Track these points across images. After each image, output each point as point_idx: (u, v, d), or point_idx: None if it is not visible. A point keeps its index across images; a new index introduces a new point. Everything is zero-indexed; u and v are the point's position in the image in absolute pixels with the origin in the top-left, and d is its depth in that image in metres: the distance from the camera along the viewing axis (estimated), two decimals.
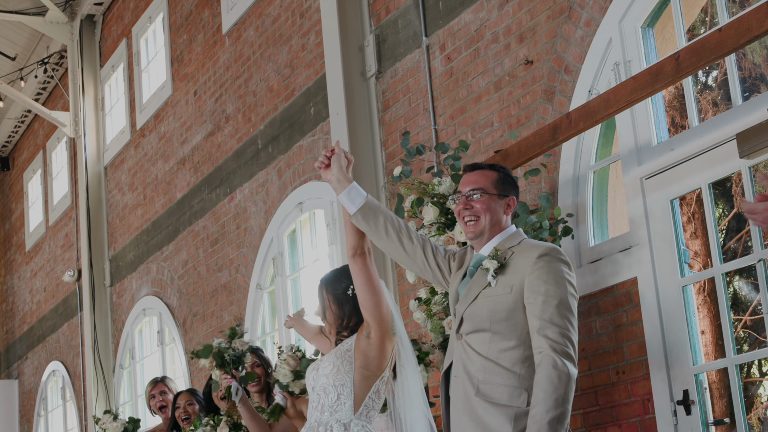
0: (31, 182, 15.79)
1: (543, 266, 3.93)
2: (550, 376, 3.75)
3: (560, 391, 3.73)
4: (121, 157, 12.30)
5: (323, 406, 4.57)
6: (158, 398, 7.87)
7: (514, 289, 3.95)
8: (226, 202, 9.63)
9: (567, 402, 3.73)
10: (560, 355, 3.77)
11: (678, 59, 4.46)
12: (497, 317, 3.95)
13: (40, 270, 15.07)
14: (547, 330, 3.82)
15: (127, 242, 11.97)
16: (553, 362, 3.76)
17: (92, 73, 13.03)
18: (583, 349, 5.60)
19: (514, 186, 4.23)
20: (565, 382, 3.73)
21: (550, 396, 3.72)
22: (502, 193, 4.18)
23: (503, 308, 3.95)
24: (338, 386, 4.55)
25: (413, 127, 7.03)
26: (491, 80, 6.36)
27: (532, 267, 3.94)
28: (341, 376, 4.53)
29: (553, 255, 3.96)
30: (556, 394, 3.72)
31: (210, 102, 10.02)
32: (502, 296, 3.97)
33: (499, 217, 4.16)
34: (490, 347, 3.93)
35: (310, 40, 8.33)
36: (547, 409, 3.71)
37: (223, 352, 5.95)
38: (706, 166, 4.97)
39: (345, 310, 4.67)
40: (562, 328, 3.81)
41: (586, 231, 5.67)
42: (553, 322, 3.82)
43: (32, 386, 15.34)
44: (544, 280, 3.90)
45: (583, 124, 5.02)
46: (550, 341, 3.79)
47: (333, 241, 7.87)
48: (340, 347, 4.60)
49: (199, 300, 10.09)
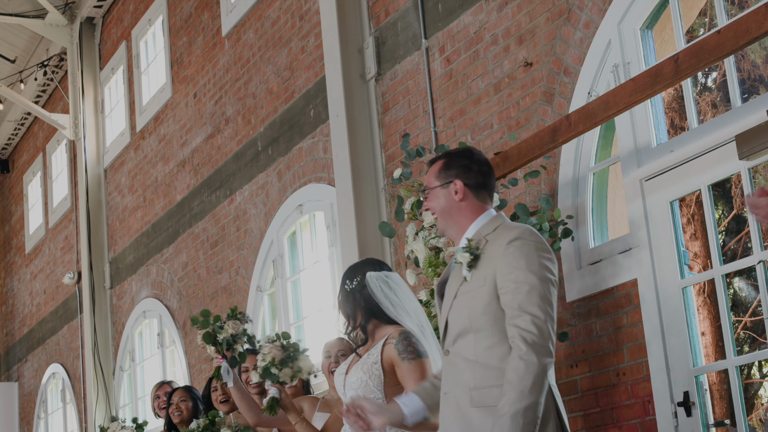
0: (30, 185, 15.79)
1: (513, 251, 3.67)
2: (516, 367, 3.52)
3: (526, 382, 3.49)
4: (121, 159, 12.31)
5: None
6: (162, 399, 7.87)
7: (488, 281, 3.71)
8: (226, 205, 9.63)
9: (534, 393, 3.50)
10: (528, 344, 3.53)
11: (677, 61, 4.46)
12: (476, 313, 3.72)
13: (40, 272, 15.08)
14: (517, 319, 3.59)
15: (127, 244, 11.98)
16: (520, 352, 3.53)
17: (92, 75, 13.03)
18: (583, 350, 5.60)
19: (460, 167, 3.91)
20: (532, 372, 3.50)
21: (514, 388, 3.50)
22: (445, 181, 3.91)
23: (480, 303, 3.71)
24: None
25: (413, 129, 7.04)
26: (491, 82, 6.36)
27: (503, 254, 3.69)
28: (370, 389, 4.46)
29: (524, 238, 3.70)
30: (521, 385, 3.49)
31: (210, 104, 10.02)
32: (477, 290, 3.73)
33: (450, 207, 3.90)
34: (476, 348, 3.71)
35: (310, 43, 8.34)
36: (510, 402, 3.49)
37: (216, 330, 5.88)
38: (706, 167, 4.97)
39: (348, 306, 4.61)
40: (533, 315, 3.57)
41: (586, 233, 5.68)
42: (524, 310, 3.58)
43: (32, 389, 15.33)
44: (515, 266, 3.65)
45: (582, 125, 5.02)
46: (520, 330, 3.56)
47: (333, 243, 7.87)
48: (367, 359, 4.50)
49: (199, 302, 10.09)
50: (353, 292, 4.60)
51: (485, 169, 3.93)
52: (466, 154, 3.97)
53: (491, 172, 3.97)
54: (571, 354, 5.68)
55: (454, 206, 3.90)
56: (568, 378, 5.69)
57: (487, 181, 3.93)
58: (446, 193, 3.91)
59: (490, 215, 3.88)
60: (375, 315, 4.57)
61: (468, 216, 3.89)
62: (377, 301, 4.56)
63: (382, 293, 4.57)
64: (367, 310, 4.57)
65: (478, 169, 3.91)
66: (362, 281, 4.60)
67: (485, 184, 3.92)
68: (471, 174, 3.90)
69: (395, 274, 4.71)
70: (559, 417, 3.67)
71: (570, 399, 5.65)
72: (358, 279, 4.61)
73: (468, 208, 3.89)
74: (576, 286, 5.66)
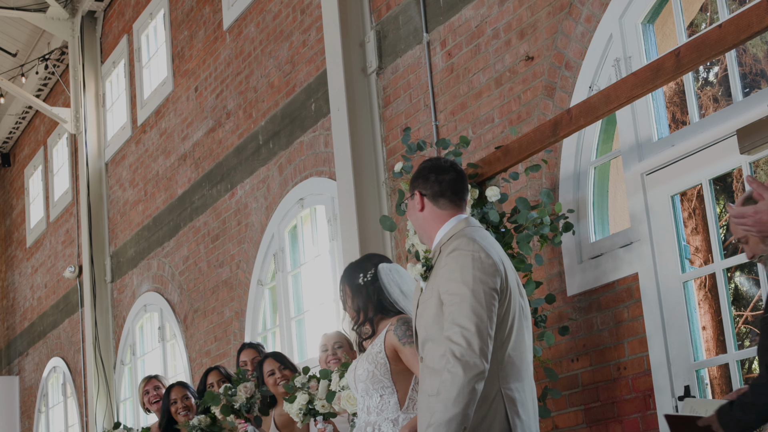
0: (32, 178, 15.80)
1: (450, 263, 3.79)
2: (444, 380, 3.66)
3: (450, 393, 3.62)
4: (122, 153, 12.31)
5: (368, 408, 4.55)
6: (152, 393, 7.84)
7: (434, 292, 3.84)
8: (227, 198, 9.63)
9: (458, 404, 3.61)
10: (455, 357, 3.65)
11: (678, 55, 4.46)
12: (428, 323, 3.85)
13: (41, 266, 15.08)
14: (449, 331, 3.71)
15: (128, 238, 11.98)
16: (448, 365, 3.66)
17: (93, 69, 13.03)
18: (584, 345, 5.60)
19: (420, 178, 4.03)
20: (457, 384, 3.62)
21: (440, 400, 3.64)
22: (411, 193, 4.06)
23: (430, 313, 3.85)
24: (378, 388, 4.51)
25: (414, 123, 7.04)
26: (492, 76, 6.36)
27: (442, 265, 3.82)
28: (378, 378, 4.50)
29: (461, 249, 3.80)
30: (446, 397, 3.63)
31: (211, 98, 10.02)
32: (428, 301, 3.87)
33: (416, 219, 4.04)
34: (433, 356, 3.82)
35: (311, 36, 8.33)
36: (436, 413, 3.64)
37: (230, 401, 5.89)
38: (707, 161, 4.97)
39: (359, 300, 4.63)
40: (463, 327, 3.67)
41: (587, 227, 5.68)
42: (455, 322, 3.70)
43: (33, 382, 15.35)
44: (450, 278, 3.77)
45: (583, 120, 5.02)
46: (450, 343, 3.69)
47: (334, 237, 7.87)
48: (371, 350, 4.55)
49: (200, 296, 10.10)
50: (366, 285, 4.62)
51: (444, 177, 4.00)
52: (428, 164, 4.07)
53: (456, 178, 4.02)
54: (572, 348, 5.68)
55: (419, 217, 4.03)
56: (569, 372, 5.69)
57: (446, 188, 3.99)
58: (412, 205, 4.05)
59: (450, 225, 3.96)
60: (382, 309, 4.61)
61: (432, 225, 4.00)
62: (388, 293, 4.60)
63: (393, 283, 4.61)
64: (378, 303, 4.61)
65: (435, 179, 3.99)
66: (375, 274, 4.62)
67: (443, 192, 3.99)
68: (428, 184, 4.00)
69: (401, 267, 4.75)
70: (509, 424, 3.73)
71: (571, 393, 5.65)
72: (372, 272, 4.63)
73: (430, 217, 4.00)
74: (577, 280, 5.67)
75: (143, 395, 7.90)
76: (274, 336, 8.96)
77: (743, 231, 3.01)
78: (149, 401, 7.85)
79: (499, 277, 3.76)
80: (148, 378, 8.05)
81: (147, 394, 7.87)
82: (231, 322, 9.45)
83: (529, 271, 5.39)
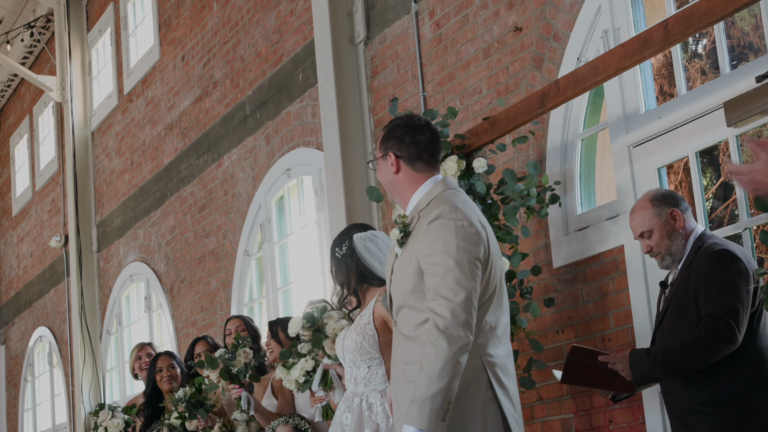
0: (17, 147, 15.72)
1: (432, 232, 3.68)
2: (427, 353, 3.57)
3: (434, 368, 3.53)
4: (109, 122, 12.25)
5: (356, 379, 4.56)
6: (144, 360, 7.86)
7: (412, 260, 3.73)
8: (213, 168, 9.61)
9: (443, 379, 3.52)
10: (439, 330, 3.56)
11: (667, 27, 4.45)
12: (405, 291, 3.76)
13: (27, 235, 15.04)
14: (432, 302, 3.62)
15: (114, 208, 11.94)
16: (431, 338, 3.58)
17: (79, 37, 12.94)
18: (569, 316, 5.62)
19: (394, 138, 3.90)
20: (442, 358, 3.53)
21: (425, 374, 3.55)
22: (383, 153, 3.91)
23: (408, 282, 3.75)
24: (366, 359, 4.52)
25: (402, 94, 7.02)
26: (480, 47, 6.34)
27: (423, 234, 3.71)
28: (366, 350, 4.51)
29: (444, 217, 3.69)
30: (430, 371, 3.54)
31: (198, 67, 9.97)
32: (405, 269, 3.77)
33: (389, 180, 3.92)
34: (409, 323, 3.75)
35: (299, 6, 8.28)
36: (419, 388, 3.55)
37: (228, 365, 5.87)
38: (694, 134, 4.97)
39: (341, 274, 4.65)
40: (446, 299, 3.59)
41: (574, 199, 5.68)
42: (438, 294, 3.61)
43: (19, 352, 15.34)
44: (433, 248, 3.66)
45: (571, 91, 5.01)
46: (433, 314, 3.60)
47: (321, 208, 7.86)
48: (360, 321, 4.56)
49: (186, 266, 10.09)
50: (344, 258, 4.63)
51: (420, 138, 3.89)
52: (402, 123, 3.94)
53: (432, 139, 3.92)
54: (558, 320, 5.70)
55: (392, 179, 3.91)
56: (554, 344, 5.71)
57: (423, 150, 3.88)
58: (384, 165, 3.92)
59: (428, 187, 3.86)
60: (365, 279, 4.62)
61: (407, 188, 3.89)
62: (365, 262, 4.59)
63: (368, 252, 4.60)
64: (359, 274, 4.61)
65: (411, 140, 3.88)
66: (350, 245, 4.62)
67: (420, 155, 3.88)
68: (404, 146, 3.88)
69: (381, 232, 4.74)
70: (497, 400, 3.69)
71: (556, 365, 5.67)
72: (347, 244, 4.63)
73: (405, 180, 3.89)
74: (563, 252, 5.67)
75: (135, 360, 7.91)
76: (260, 306, 8.97)
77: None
78: (140, 367, 7.86)
79: (483, 246, 3.69)
80: (142, 345, 8.07)
81: (139, 359, 7.88)
82: (217, 292, 9.45)
83: (515, 242, 5.40)
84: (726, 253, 4.12)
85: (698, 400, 4.07)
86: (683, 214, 4.33)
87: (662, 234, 4.31)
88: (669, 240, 4.30)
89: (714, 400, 4.03)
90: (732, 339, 3.97)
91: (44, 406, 14.55)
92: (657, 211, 4.33)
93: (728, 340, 3.97)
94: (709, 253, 4.16)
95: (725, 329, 3.96)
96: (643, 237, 4.36)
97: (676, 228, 4.30)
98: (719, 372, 4.04)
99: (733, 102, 4.54)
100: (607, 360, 4.29)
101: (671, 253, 4.30)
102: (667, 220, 4.31)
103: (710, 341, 3.97)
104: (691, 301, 4.13)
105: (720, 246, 4.17)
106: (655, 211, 4.33)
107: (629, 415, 5.28)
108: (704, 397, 4.06)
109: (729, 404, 4.01)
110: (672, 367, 4.08)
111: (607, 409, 5.40)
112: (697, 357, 3.99)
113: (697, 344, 3.99)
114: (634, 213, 4.41)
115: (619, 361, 4.24)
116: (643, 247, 4.38)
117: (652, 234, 4.33)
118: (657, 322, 4.32)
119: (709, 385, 4.05)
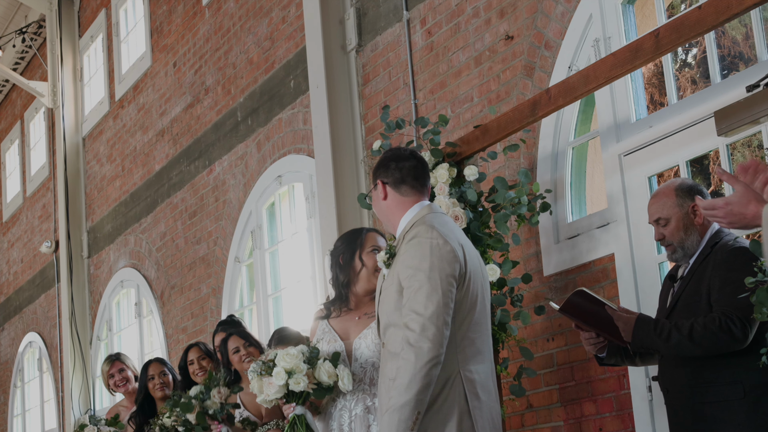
0: (8, 152, 15.69)
1: (409, 250, 3.87)
2: (398, 366, 3.76)
3: (403, 380, 3.72)
4: (100, 128, 12.23)
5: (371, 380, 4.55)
6: (118, 377, 7.58)
7: (395, 280, 3.91)
8: (204, 175, 9.60)
9: (411, 390, 3.71)
10: (409, 344, 3.75)
11: (658, 36, 4.46)
12: (390, 309, 3.93)
13: (17, 241, 15.00)
14: (406, 318, 3.80)
15: (105, 214, 11.93)
16: (402, 351, 3.76)
17: (71, 43, 12.93)
18: (559, 324, 5.62)
19: (381, 167, 4.11)
20: (410, 371, 3.71)
21: (395, 386, 3.74)
22: (374, 183, 4.12)
23: (392, 300, 3.92)
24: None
25: (393, 102, 7.02)
26: (471, 55, 6.35)
27: (402, 254, 3.90)
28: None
29: (420, 236, 3.87)
30: (399, 383, 3.73)
31: (189, 74, 9.97)
32: (390, 288, 3.94)
33: (380, 208, 4.10)
34: (395, 341, 3.88)
35: (291, 13, 8.29)
36: (390, 399, 3.74)
37: (206, 409, 5.84)
38: (685, 143, 4.99)
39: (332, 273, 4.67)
40: (419, 314, 3.76)
41: (564, 207, 5.69)
42: (411, 309, 3.79)
43: (9, 357, 15.29)
44: (408, 266, 3.85)
45: (562, 100, 5.02)
46: (406, 330, 3.78)
47: (312, 215, 7.86)
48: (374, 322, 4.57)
49: (177, 272, 10.07)
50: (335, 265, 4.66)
51: (405, 164, 4.06)
52: (388, 153, 4.13)
53: (416, 165, 4.09)
54: (548, 328, 5.70)
55: (383, 206, 4.08)
56: (545, 351, 5.72)
57: (407, 174, 4.06)
58: (376, 195, 4.11)
59: (413, 212, 4.03)
60: None
61: (395, 213, 4.06)
62: None
63: None
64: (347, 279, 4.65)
65: (396, 166, 4.05)
66: None
67: (404, 179, 4.05)
68: (389, 171, 4.07)
69: None
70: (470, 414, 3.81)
71: (546, 372, 5.68)
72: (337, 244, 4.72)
73: (393, 205, 4.06)
74: (553, 260, 5.68)
75: (108, 378, 7.64)
76: (251, 313, 8.96)
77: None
78: (115, 384, 7.62)
79: (458, 264, 3.84)
80: (111, 360, 7.73)
81: (112, 378, 7.60)
82: (208, 298, 9.44)
83: (506, 250, 5.40)
84: (744, 251, 4.00)
85: (704, 400, 4.00)
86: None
87: (679, 226, 4.17)
88: (684, 233, 4.16)
89: (720, 401, 3.96)
90: (741, 338, 3.89)
91: (34, 412, 14.50)
92: (680, 201, 4.19)
93: (737, 338, 3.89)
94: (727, 250, 4.04)
95: (738, 327, 3.88)
96: (659, 224, 4.20)
97: (695, 223, 4.16)
98: (727, 372, 3.96)
99: (723, 111, 4.55)
100: (612, 314, 4.19)
101: (684, 248, 4.17)
102: (687, 213, 4.17)
103: (720, 335, 3.89)
104: (704, 296, 4.04)
105: (739, 243, 4.06)
106: (677, 201, 4.19)
107: (619, 423, 5.29)
108: (711, 398, 3.98)
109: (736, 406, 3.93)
110: (674, 347, 4.00)
111: (597, 417, 5.41)
112: (703, 345, 3.92)
113: (706, 333, 3.91)
114: (656, 197, 4.27)
115: (624, 322, 4.14)
116: (656, 234, 4.24)
117: (668, 222, 4.19)
118: (665, 315, 4.21)
119: (715, 385, 3.98)
